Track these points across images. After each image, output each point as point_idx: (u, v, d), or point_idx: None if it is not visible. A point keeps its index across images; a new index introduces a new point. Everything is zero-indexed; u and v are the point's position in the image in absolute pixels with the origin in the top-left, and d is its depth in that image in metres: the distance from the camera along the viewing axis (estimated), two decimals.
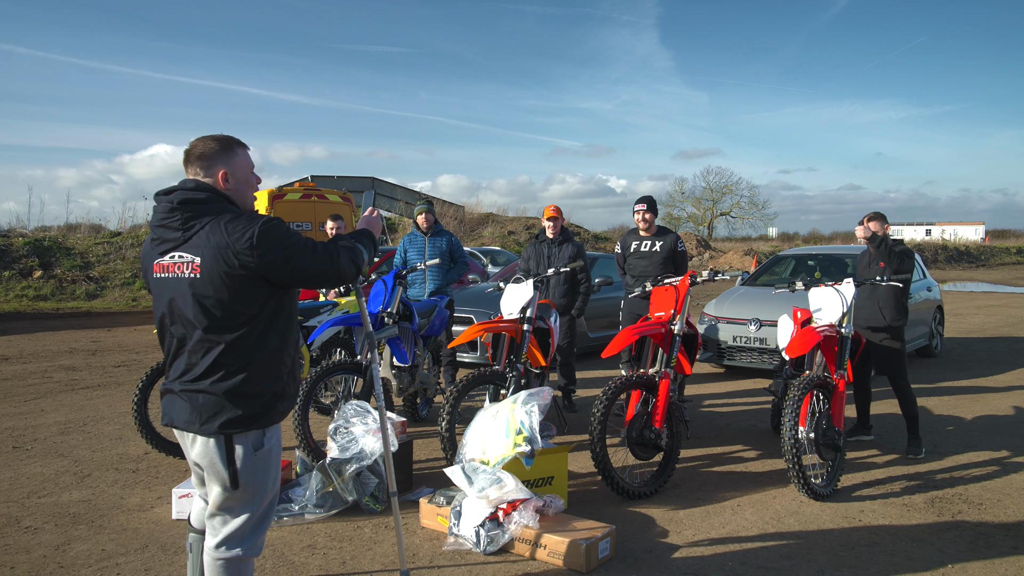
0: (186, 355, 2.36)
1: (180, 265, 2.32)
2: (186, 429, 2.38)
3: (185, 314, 2.32)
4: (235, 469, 2.36)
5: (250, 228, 2.27)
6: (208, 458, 2.37)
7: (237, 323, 2.32)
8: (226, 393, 2.32)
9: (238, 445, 2.36)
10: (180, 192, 2.35)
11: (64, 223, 24.32)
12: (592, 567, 3.42)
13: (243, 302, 2.31)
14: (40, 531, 3.89)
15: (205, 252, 2.28)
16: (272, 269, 2.30)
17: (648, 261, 6.14)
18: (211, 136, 2.45)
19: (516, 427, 3.86)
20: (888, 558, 3.60)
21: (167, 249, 2.35)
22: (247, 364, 2.34)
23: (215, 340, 2.31)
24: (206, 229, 2.30)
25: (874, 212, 5.57)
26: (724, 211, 59.95)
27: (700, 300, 15.40)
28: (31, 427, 6.11)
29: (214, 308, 2.30)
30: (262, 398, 2.38)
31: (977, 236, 63.21)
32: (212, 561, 2.43)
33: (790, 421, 4.28)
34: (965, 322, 13.95)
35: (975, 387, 7.83)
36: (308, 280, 2.44)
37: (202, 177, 2.40)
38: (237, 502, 2.42)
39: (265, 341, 2.37)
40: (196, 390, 2.34)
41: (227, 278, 2.27)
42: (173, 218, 2.33)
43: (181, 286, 2.32)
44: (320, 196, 12.95)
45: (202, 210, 2.33)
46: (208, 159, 2.40)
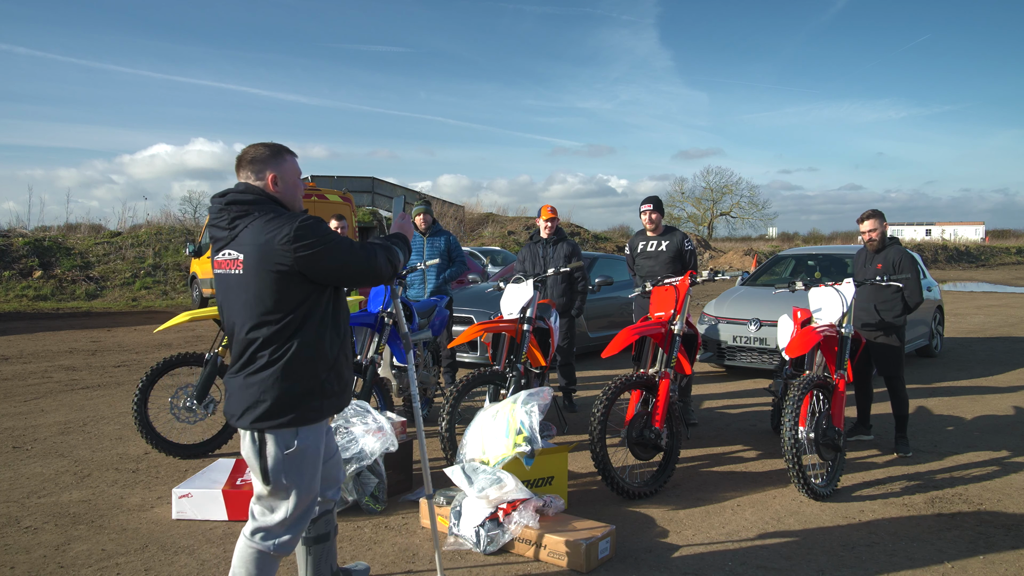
0: (234, 345, 2.52)
1: (230, 262, 2.47)
2: (231, 423, 2.52)
3: (233, 307, 2.48)
4: (266, 465, 2.46)
5: (288, 225, 2.38)
6: (246, 450, 2.50)
7: (274, 318, 2.42)
8: (259, 386, 2.43)
9: (269, 442, 2.46)
10: (231, 194, 2.51)
11: (64, 223, 24.38)
12: (592, 567, 3.42)
13: (281, 298, 2.41)
14: (40, 531, 3.89)
15: (248, 249, 2.41)
16: (308, 265, 2.39)
17: (655, 261, 6.14)
18: (262, 143, 2.59)
19: (516, 427, 3.86)
20: (888, 558, 3.60)
21: (220, 247, 2.51)
22: (279, 359, 2.43)
23: (254, 335, 2.44)
24: (250, 228, 2.42)
25: (872, 210, 5.57)
26: (724, 211, 60.04)
27: (700, 300, 15.40)
28: (31, 427, 6.11)
29: (254, 303, 2.41)
30: (292, 395, 2.45)
31: (977, 236, 63.21)
32: (244, 546, 2.55)
33: (790, 421, 4.28)
34: (965, 322, 13.96)
35: (975, 387, 7.83)
36: (345, 277, 2.53)
37: (252, 180, 2.54)
38: (272, 498, 2.52)
39: (301, 336, 2.46)
40: (239, 382, 2.48)
41: (267, 274, 2.39)
42: (222, 218, 2.48)
43: (231, 281, 2.47)
44: (320, 196, 12.96)
45: (248, 210, 2.46)
46: (259, 163, 2.54)
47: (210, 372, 5.18)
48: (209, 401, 5.21)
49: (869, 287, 5.40)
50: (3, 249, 18.60)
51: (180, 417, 5.18)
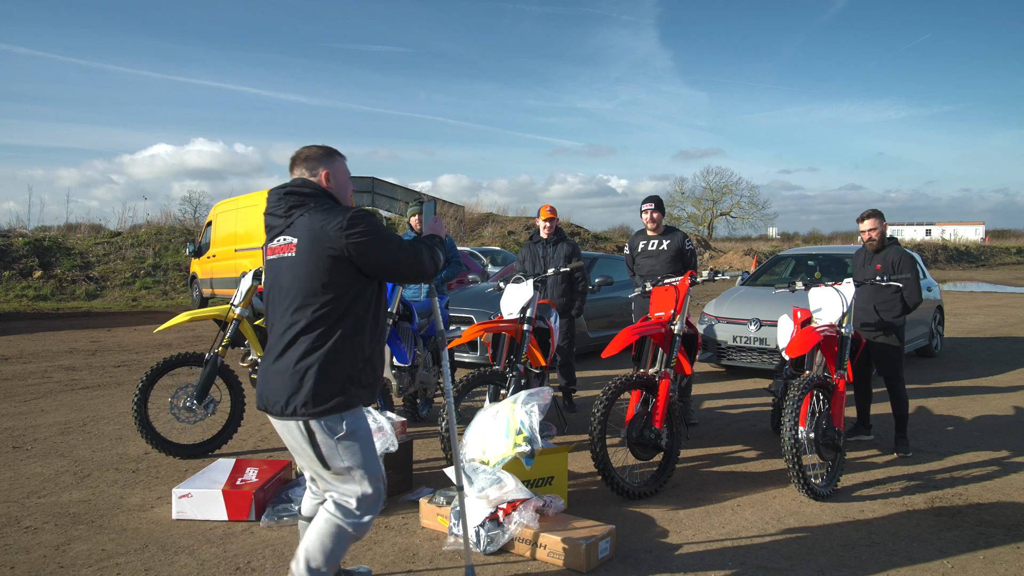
0: (273, 331, 2.60)
1: (283, 246, 2.59)
2: (268, 411, 2.57)
3: (280, 290, 2.58)
4: (320, 452, 2.53)
5: (343, 214, 2.53)
6: (295, 440, 2.56)
7: (317, 303, 2.51)
8: (302, 372, 2.49)
9: (317, 431, 2.51)
10: (288, 186, 2.66)
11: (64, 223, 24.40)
12: (592, 567, 3.42)
13: (328, 283, 2.50)
14: (40, 531, 3.89)
15: (302, 234, 2.54)
16: (358, 252, 2.51)
17: (656, 260, 6.14)
18: (315, 144, 2.77)
19: (516, 427, 3.86)
20: (888, 558, 3.60)
21: (275, 234, 2.64)
22: (320, 345, 2.50)
23: (296, 318, 2.52)
24: (305, 216, 2.56)
25: (872, 210, 5.57)
26: (724, 211, 60.00)
27: (700, 300, 15.40)
28: (31, 427, 6.11)
29: (303, 284, 2.51)
30: (336, 381, 2.52)
31: (977, 236, 63.20)
32: (325, 519, 2.63)
33: (790, 421, 4.28)
34: (965, 322, 13.96)
35: (975, 387, 7.83)
36: (391, 271, 2.62)
37: (307, 176, 2.70)
38: (337, 479, 2.60)
39: (343, 324, 2.54)
40: (278, 369, 2.53)
41: (318, 259, 2.50)
42: (279, 207, 2.63)
43: (283, 264, 2.58)
44: None
45: (303, 201, 2.60)
46: (313, 160, 2.71)
47: (210, 372, 5.18)
48: (209, 401, 5.21)
49: (868, 287, 5.40)
50: (3, 249, 18.59)
51: (180, 417, 5.18)
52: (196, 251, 15.64)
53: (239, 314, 5.36)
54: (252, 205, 12.88)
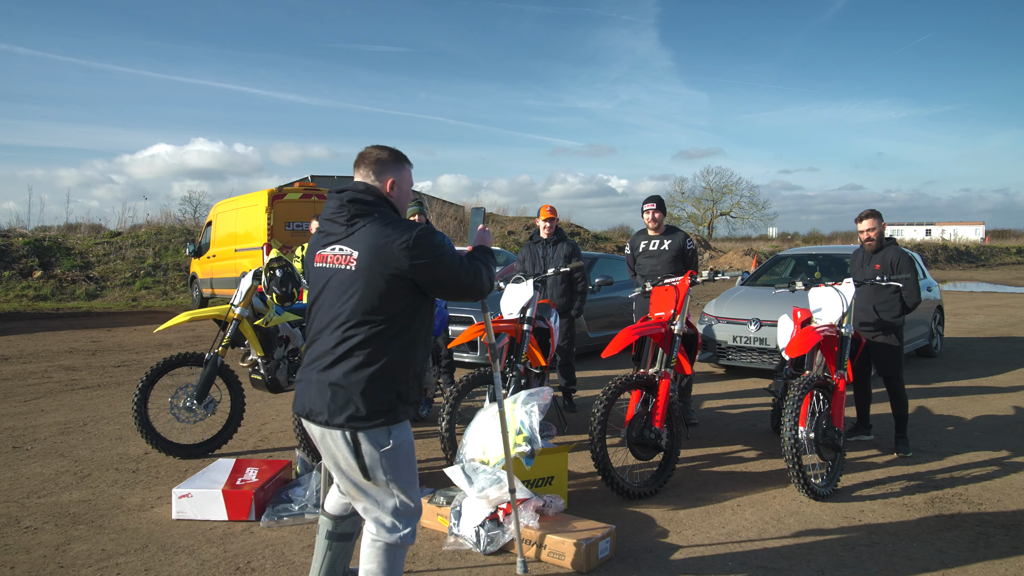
0: (322, 340, 2.51)
1: (340, 257, 2.49)
2: (314, 420, 2.50)
3: (333, 302, 2.49)
4: (364, 463, 2.49)
5: (408, 232, 2.44)
6: (337, 450, 2.50)
7: (377, 319, 2.45)
8: (355, 385, 2.44)
9: (363, 442, 2.47)
10: (351, 192, 2.55)
11: (64, 223, 24.40)
12: (592, 567, 3.42)
13: (387, 300, 2.44)
14: (40, 531, 3.89)
15: (363, 248, 2.44)
16: (421, 273, 2.44)
17: (657, 260, 6.15)
18: (384, 146, 2.66)
19: (516, 427, 3.86)
20: (888, 558, 3.60)
21: (331, 241, 2.53)
22: (375, 361, 2.46)
23: (352, 332, 2.44)
24: (368, 227, 2.46)
25: (870, 210, 5.57)
26: (724, 211, 60.00)
27: (700, 300, 15.40)
28: (31, 427, 6.11)
29: (361, 300, 2.43)
30: (387, 396, 2.48)
31: (977, 236, 63.21)
32: (370, 543, 2.58)
33: (790, 421, 4.28)
34: (965, 322, 13.96)
35: (975, 387, 7.83)
36: (451, 289, 2.55)
37: (371, 181, 2.59)
38: (377, 492, 2.55)
39: (398, 341, 2.49)
40: (328, 380, 2.46)
41: (379, 275, 2.42)
42: (340, 214, 2.52)
43: (337, 276, 2.49)
44: (320, 196, 12.96)
45: (367, 210, 2.50)
46: (381, 165, 2.61)
47: (210, 372, 5.18)
48: (209, 401, 5.21)
49: (868, 287, 5.40)
50: (3, 249, 18.60)
51: (180, 417, 5.18)
52: (196, 251, 15.64)
53: (239, 314, 5.36)
54: (252, 205, 12.88)
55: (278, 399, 7.04)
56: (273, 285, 5.60)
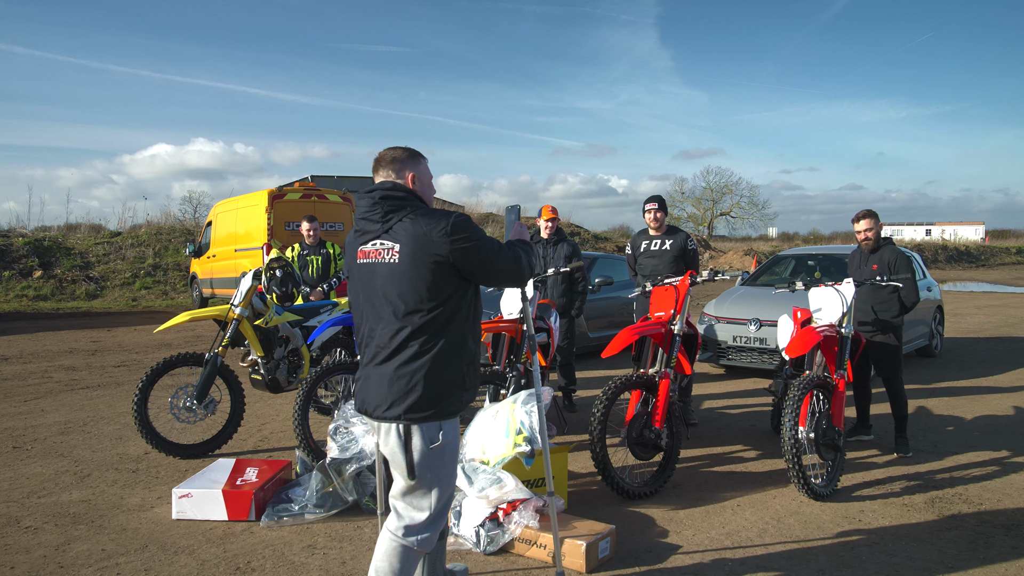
0: (377, 338, 2.56)
1: (382, 250, 2.55)
2: (372, 414, 2.54)
3: (381, 296, 2.54)
4: (411, 459, 2.51)
5: (446, 219, 2.51)
6: (390, 446, 2.54)
7: (425, 308, 2.49)
8: (409, 377, 2.49)
9: (415, 436, 2.50)
10: (380, 190, 2.61)
11: (64, 223, 24.39)
12: (592, 567, 3.42)
13: (434, 289, 2.49)
14: (40, 531, 3.89)
15: (404, 239, 2.50)
16: (462, 258, 2.49)
17: (659, 260, 6.15)
18: (398, 146, 2.74)
19: (516, 427, 3.86)
20: (888, 558, 3.60)
21: (369, 238, 2.59)
22: (430, 350, 2.50)
23: (404, 323, 2.50)
24: (405, 221, 2.53)
25: (866, 210, 5.57)
26: (724, 211, 60.00)
27: (700, 300, 15.40)
28: (31, 427, 6.11)
29: (408, 292, 2.49)
30: (442, 386, 2.52)
31: (977, 236, 63.20)
32: (389, 541, 2.59)
33: (790, 421, 4.28)
34: (965, 322, 13.95)
35: (975, 387, 7.83)
36: (493, 274, 2.60)
37: (394, 179, 2.66)
38: (417, 494, 2.57)
39: (448, 330, 2.53)
40: (385, 372, 2.51)
41: (423, 264, 2.48)
42: (375, 211, 2.58)
43: (381, 270, 2.54)
44: (320, 196, 12.96)
45: (399, 205, 2.57)
46: (399, 163, 2.68)
47: (210, 372, 5.18)
48: (209, 401, 5.21)
49: (866, 287, 5.39)
50: (3, 249, 18.60)
51: (180, 417, 5.18)
52: (196, 251, 15.63)
53: (239, 314, 5.36)
54: (252, 205, 12.87)
55: (278, 399, 7.04)
56: (273, 285, 5.61)
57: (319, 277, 7.37)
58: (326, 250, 7.48)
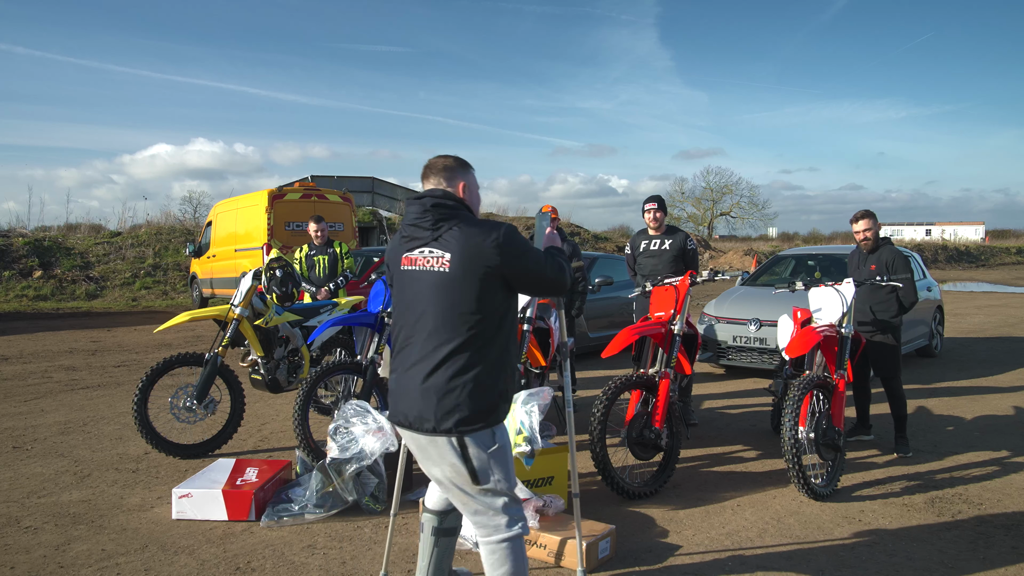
0: (418, 345, 2.51)
1: (431, 259, 2.53)
2: (419, 430, 2.49)
3: (427, 305, 2.50)
4: (473, 468, 2.49)
5: (496, 230, 2.50)
6: (446, 459, 2.50)
7: (475, 319, 2.47)
8: (461, 389, 2.45)
9: (470, 446, 2.48)
10: (431, 198, 2.58)
11: (64, 223, 24.39)
12: (592, 567, 3.42)
13: (483, 299, 2.47)
14: (40, 531, 3.89)
15: (455, 248, 2.48)
16: (511, 268, 2.48)
17: (658, 260, 6.15)
18: (449, 155, 2.73)
19: (516, 427, 3.85)
20: (888, 558, 3.60)
21: (417, 245, 2.57)
22: (478, 362, 2.47)
23: (452, 334, 2.46)
24: (455, 230, 2.51)
25: (864, 210, 5.58)
26: (724, 211, 59.99)
27: (700, 300, 15.40)
28: (31, 427, 6.11)
29: (458, 302, 2.46)
30: (491, 396, 2.50)
31: (977, 236, 63.20)
32: (492, 548, 2.56)
33: (790, 421, 4.28)
34: (965, 322, 13.96)
35: (975, 387, 7.83)
36: (538, 285, 2.60)
37: (444, 187, 2.64)
38: (488, 494, 2.55)
39: (496, 340, 2.53)
40: (432, 386, 2.46)
41: (473, 274, 2.46)
42: (425, 219, 2.55)
43: (429, 278, 2.51)
44: (320, 196, 12.96)
45: (450, 214, 2.55)
46: (451, 171, 2.66)
47: (210, 372, 5.18)
48: (209, 401, 5.21)
49: (865, 287, 5.39)
50: (3, 249, 18.60)
51: (180, 417, 5.18)
52: (196, 251, 15.64)
53: (239, 314, 5.36)
54: (252, 205, 12.88)
55: (278, 399, 7.04)
56: (273, 285, 5.60)
57: (326, 276, 7.43)
58: (333, 250, 7.54)
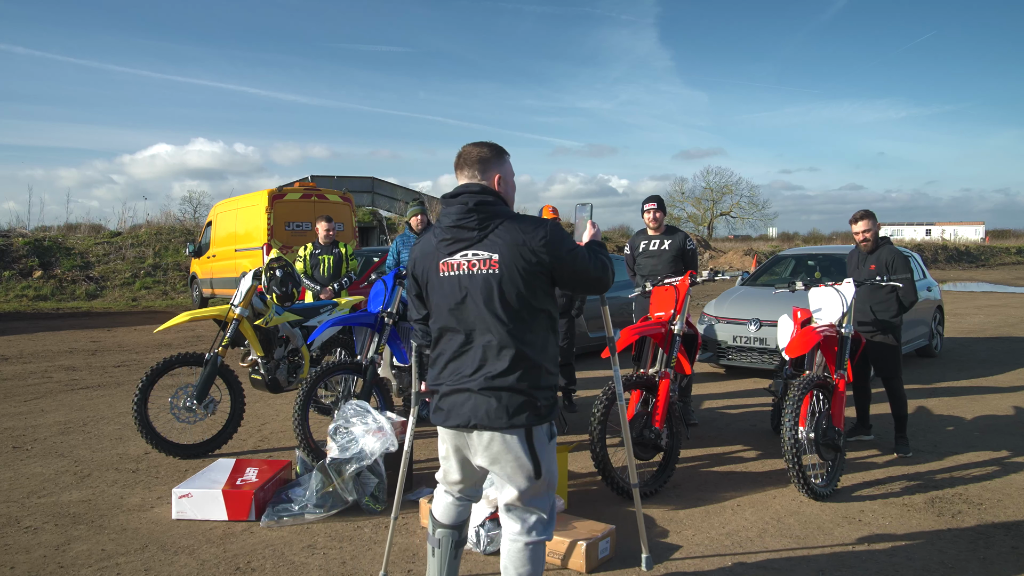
0: (478, 351, 2.46)
1: (475, 263, 2.46)
2: (485, 428, 2.45)
3: (481, 310, 2.45)
4: (538, 461, 2.49)
5: (543, 227, 2.46)
6: (511, 454, 2.47)
7: (532, 319, 2.48)
8: (530, 388, 2.45)
9: (536, 436, 2.49)
10: (470, 195, 2.50)
11: (64, 223, 24.38)
12: (592, 567, 3.42)
13: (535, 298, 2.46)
14: (40, 531, 3.89)
15: (503, 249, 2.43)
16: (559, 266, 2.46)
17: (657, 260, 6.15)
18: (483, 143, 2.60)
19: None
20: (888, 558, 3.60)
21: (459, 248, 2.48)
22: (542, 358, 2.49)
23: (514, 336, 2.45)
24: (500, 228, 2.45)
25: (864, 210, 5.57)
26: (724, 211, 59.96)
27: (700, 300, 15.40)
28: (31, 427, 6.11)
29: (513, 303, 2.43)
30: (551, 390, 2.53)
31: (977, 236, 63.19)
32: (519, 547, 2.55)
33: (790, 421, 4.28)
34: (965, 322, 13.95)
35: (975, 387, 7.83)
36: (583, 282, 2.56)
37: (479, 180, 2.55)
38: (538, 492, 2.55)
39: (549, 337, 2.54)
40: (499, 387, 2.43)
41: (523, 273, 2.43)
42: (469, 219, 2.47)
43: (477, 283, 2.45)
44: (320, 196, 12.96)
45: (494, 212, 2.48)
46: (485, 163, 2.56)
47: (210, 372, 5.18)
48: (209, 401, 5.21)
49: (865, 287, 5.39)
50: (3, 249, 18.60)
51: (180, 417, 5.18)
52: (196, 251, 15.64)
53: (239, 314, 5.36)
54: (252, 205, 12.88)
55: (278, 399, 7.04)
56: (273, 285, 5.60)
57: (330, 276, 7.45)
58: (338, 250, 7.57)
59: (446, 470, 2.69)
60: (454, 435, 2.57)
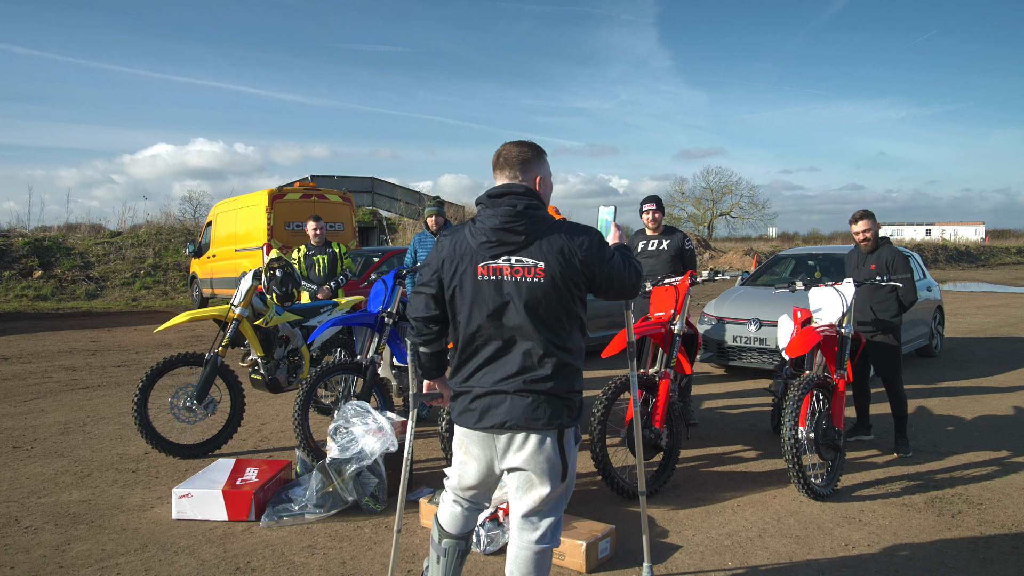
0: (517, 357, 2.43)
1: (519, 269, 2.40)
2: (527, 428, 2.43)
3: (523, 317, 2.40)
4: (566, 462, 2.49)
5: (586, 234, 2.44)
6: (543, 454, 2.45)
7: (571, 326, 2.47)
8: (568, 391, 2.47)
9: (567, 438, 2.50)
10: (516, 197, 2.44)
11: (64, 223, 24.38)
12: (592, 567, 3.42)
13: (575, 304, 2.45)
14: (40, 531, 3.89)
15: (549, 257, 2.39)
16: (599, 273, 2.46)
17: (656, 260, 6.15)
18: (523, 142, 2.55)
19: None
20: (888, 558, 3.60)
21: (503, 252, 2.42)
22: (576, 361, 2.50)
23: (556, 344, 2.43)
24: (547, 235, 2.41)
25: (864, 210, 5.57)
26: (724, 211, 59.96)
27: (700, 300, 15.40)
28: (31, 427, 6.11)
29: (556, 310, 2.41)
30: (580, 395, 2.54)
31: (977, 236, 63.18)
32: (531, 554, 2.53)
33: (790, 421, 4.28)
34: (965, 322, 13.95)
35: (975, 387, 7.83)
36: (619, 288, 2.55)
37: (520, 180, 2.51)
38: (557, 497, 2.54)
39: (581, 341, 2.53)
40: (539, 390, 2.42)
41: (566, 281, 2.40)
42: (518, 223, 2.41)
43: (523, 289, 2.40)
44: (320, 196, 12.97)
45: (540, 216, 2.44)
46: (527, 164, 2.51)
47: (210, 372, 5.18)
48: (209, 401, 5.21)
49: (865, 287, 5.39)
50: (3, 249, 18.60)
51: (180, 417, 5.18)
52: (196, 251, 15.64)
53: (239, 314, 5.36)
54: (252, 205, 12.88)
55: (278, 399, 7.04)
56: (273, 285, 5.61)
57: (325, 276, 7.44)
58: (332, 250, 7.55)
59: (461, 475, 2.61)
60: (481, 438, 2.50)
